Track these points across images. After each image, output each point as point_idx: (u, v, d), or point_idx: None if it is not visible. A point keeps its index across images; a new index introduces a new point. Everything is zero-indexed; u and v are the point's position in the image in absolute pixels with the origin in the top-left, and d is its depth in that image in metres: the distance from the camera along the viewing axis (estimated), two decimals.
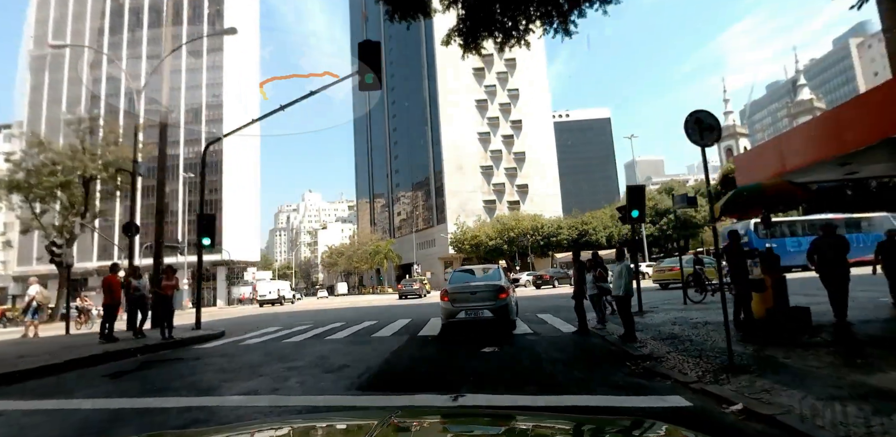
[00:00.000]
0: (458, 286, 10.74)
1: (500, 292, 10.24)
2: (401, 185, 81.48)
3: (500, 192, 70.25)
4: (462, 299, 10.29)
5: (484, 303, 10.12)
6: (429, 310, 18.08)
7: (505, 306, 10.12)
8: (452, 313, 10.23)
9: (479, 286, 10.48)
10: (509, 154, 70.95)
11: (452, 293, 10.44)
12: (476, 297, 10.22)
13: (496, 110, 71.17)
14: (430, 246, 72.38)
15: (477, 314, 10.07)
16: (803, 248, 25.28)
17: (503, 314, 10.11)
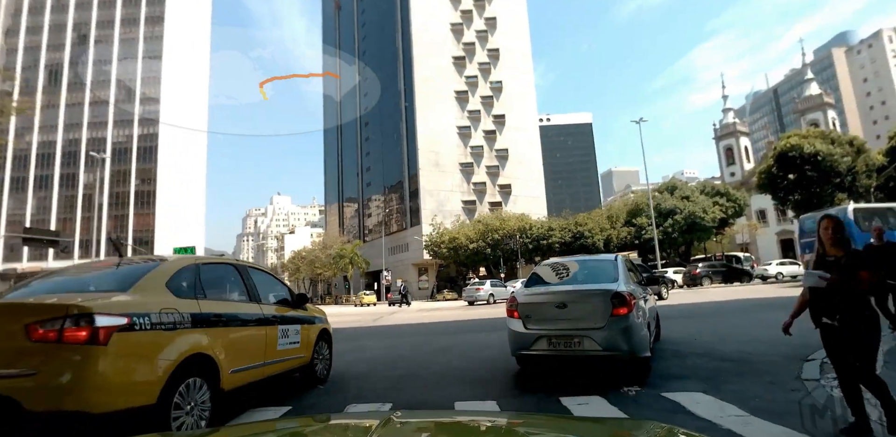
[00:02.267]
0: (536, 294, 5.70)
1: (614, 305, 4.99)
2: (373, 184, 72.92)
3: (481, 192, 62.49)
4: (542, 317, 5.38)
5: (582, 324, 5.08)
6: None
7: (624, 329, 4.91)
8: (525, 341, 5.34)
9: (575, 294, 5.39)
10: (491, 151, 63.44)
11: (526, 306, 5.52)
12: (568, 312, 5.18)
13: (477, 103, 63.71)
14: (403, 251, 64.07)
15: (568, 345, 5.09)
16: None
17: (620, 346, 4.89)
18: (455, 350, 8.28)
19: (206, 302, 3.89)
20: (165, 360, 3.23)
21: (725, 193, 49.07)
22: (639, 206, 48.94)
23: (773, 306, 12.39)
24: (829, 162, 24.68)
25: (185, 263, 4.03)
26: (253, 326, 4.45)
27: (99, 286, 3.70)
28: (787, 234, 57.48)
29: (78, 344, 2.79)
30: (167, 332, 3.34)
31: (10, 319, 2.86)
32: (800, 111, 60.33)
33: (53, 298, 3.19)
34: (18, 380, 2.68)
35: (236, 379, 3.96)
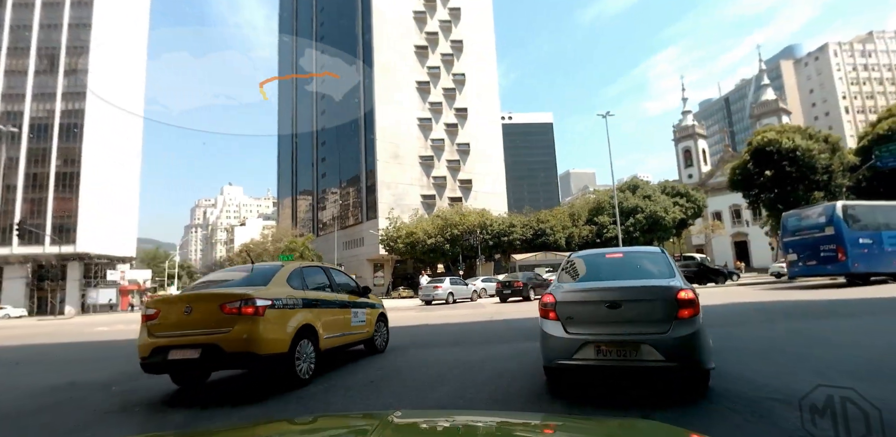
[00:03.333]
0: (580, 291, 4.48)
1: (680, 305, 4.00)
2: (328, 175, 68.92)
3: (441, 186, 59.79)
4: (589, 319, 4.25)
5: (641, 329, 4.01)
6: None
7: (692, 336, 3.89)
8: (566, 348, 4.21)
9: (632, 291, 4.23)
10: (452, 145, 60.84)
11: (568, 305, 4.37)
12: (622, 314, 4.08)
13: (439, 95, 60.93)
14: (358, 245, 60.70)
15: (622, 354, 4.01)
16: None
17: (687, 355, 3.91)
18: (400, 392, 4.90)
19: (309, 292, 6.02)
20: (291, 326, 5.34)
21: (685, 193, 48.38)
22: (600, 204, 47.55)
23: (791, 312, 10.21)
24: (807, 158, 23.33)
25: (294, 266, 6.20)
26: (336, 308, 6.53)
27: (251, 282, 5.59)
28: (741, 236, 57.84)
29: (248, 315, 4.92)
30: (290, 310, 5.45)
31: (211, 301, 5.08)
32: (756, 116, 60.78)
33: (232, 289, 5.33)
34: (219, 335, 4.86)
35: (328, 343, 6.05)
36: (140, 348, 5.08)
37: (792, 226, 18.60)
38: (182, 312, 5.03)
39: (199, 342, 4.85)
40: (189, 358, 4.79)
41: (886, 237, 17.03)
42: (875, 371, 4.60)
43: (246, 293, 5.00)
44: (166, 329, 5.05)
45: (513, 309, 16.76)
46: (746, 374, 4.66)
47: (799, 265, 17.99)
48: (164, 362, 4.87)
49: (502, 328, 10.80)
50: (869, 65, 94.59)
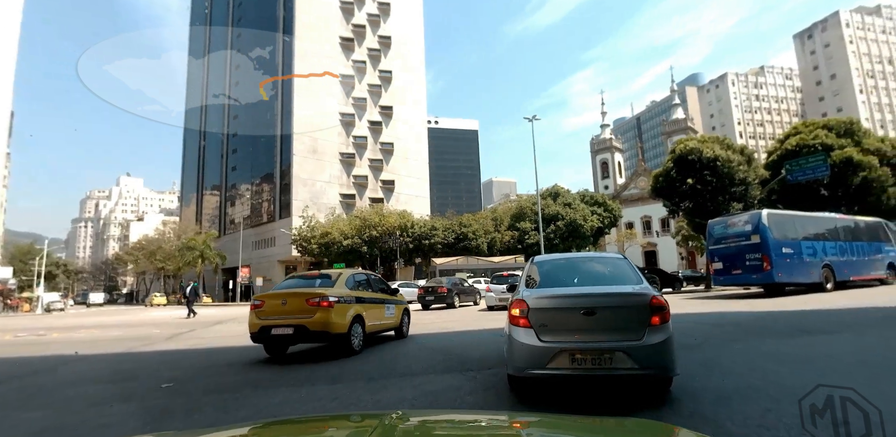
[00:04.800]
0: (555, 297, 4.34)
1: (651, 312, 4.03)
2: (239, 168, 63.28)
3: (362, 186, 56.69)
4: (564, 327, 4.12)
5: (616, 336, 3.98)
6: None
7: (663, 343, 3.94)
8: (540, 357, 4.03)
9: (607, 298, 4.21)
10: (376, 144, 58.01)
11: (542, 312, 4.19)
12: (597, 321, 4.04)
13: (364, 91, 57.95)
14: (269, 245, 56.04)
15: (597, 362, 3.93)
16: (818, 258, 15.70)
17: (658, 362, 3.95)
18: None
19: (358, 292, 8.46)
20: (349, 315, 7.73)
21: (603, 203, 49.05)
22: (523, 210, 46.95)
23: (751, 328, 8.81)
24: (727, 168, 23.33)
25: (349, 273, 8.72)
26: (376, 303, 8.94)
27: (323, 284, 8.12)
28: (650, 246, 60.07)
29: (324, 307, 7.30)
30: (348, 304, 7.83)
31: (300, 297, 7.49)
32: (667, 133, 63.63)
33: (310, 288, 7.90)
34: (306, 319, 7.27)
35: (370, 328, 8.49)
36: (251, 326, 7.66)
37: (718, 233, 17.86)
38: (280, 303, 7.59)
39: (292, 324, 7.36)
40: (285, 334, 7.39)
41: (805, 247, 16.78)
42: None
43: (322, 292, 7.49)
44: (269, 315, 7.57)
45: (439, 319, 14.52)
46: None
47: (724, 274, 17.41)
48: (269, 336, 7.48)
49: (434, 343, 8.60)
50: (760, 95, 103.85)
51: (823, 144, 25.46)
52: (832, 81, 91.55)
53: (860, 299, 13.73)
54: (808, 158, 24.42)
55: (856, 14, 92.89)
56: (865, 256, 18.59)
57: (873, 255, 18.92)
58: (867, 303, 12.25)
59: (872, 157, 24.65)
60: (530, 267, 5.30)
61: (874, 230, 19.72)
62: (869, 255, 18.76)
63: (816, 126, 27.49)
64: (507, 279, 17.82)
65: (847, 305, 12.10)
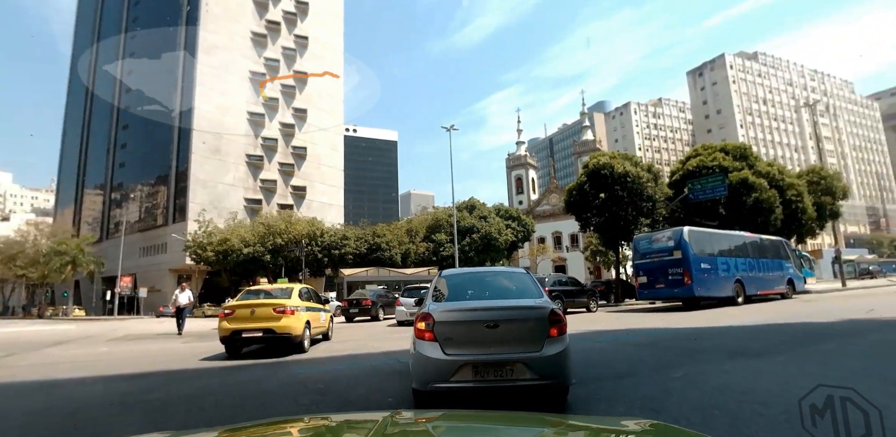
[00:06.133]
0: (459, 310, 4.35)
1: (549, 324, 4.21)
2: (128, 165, 56.52)
3: (271, 191, 52.74)
4: (468, 339, 4.17)
5: (517, 348, 4.11)
6: None
7: (561, 353, 4.12)
8: (444, 370, 4.05)
9: (509, 311, 4.31)
10: (287, 147, 54.46)
11: (447, 325, 4.22)
12: (500, 334, 4.12)
13: (276, 91, 54.40)
14: (159, 252, 50.26)
15: (499, 374, 4.02)
16: (731, 273, 16.36)
17: (556, 373, 4.08)
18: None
19: (305, 302, 10.33)
20: (302, 321, 9.61)
21: (517, 217, 49.22)
22: (438, 222, 45.79)
23: (682, 349, 7.83)
24: (636, 184, 23.59)
25: (299, 286, 10.68)
26: (315, 312, 10.77)
27: (281, 295, 10.02)
28: (560, 260, 61.41)
29: (288, 314, 9.29)
30: (301, 312, 9.71)
31: (268, 306, 9.31)
32: (578, 153, 65.98)
33: (275, 299, 9.66)
34: (273, 324, 9.17)
35: (313, 332, 10.46)
36: (222, 330, 9.17)
37: (643, 248, 18.33)
38: (249, 312, 9.21)
39: (261, 328, 9.05)
40: (255, 336, 9.10)
41: (720, 263, 17.44)
42: None
43: (285, 302, 9.38)
44: (239, 321, 9.16)
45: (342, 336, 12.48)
46: None
47: (648, 287, 17.76)
48: (239, 337, 9.10)
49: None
50: (658, 124, 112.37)
51: (721, 166, 26.75)
52: (718, 115, 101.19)
53: (767, 313, 13.76)
54: (709, 179, 25.49)
55: (738, 58, 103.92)
56: (770, 272, 19.59)
57: (776, 271, 19.94)
58: (774, 318, 12.09)
59: (763, 179, 26.25)
60: (437, 280, 5.27)
61: (777, 248, 20.78)
62: (773, 271, 19.76)
63: (715, 149, 29.00)
64: (419, 292, 16.30)
65: (757, 321, 11.83)
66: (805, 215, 27.70)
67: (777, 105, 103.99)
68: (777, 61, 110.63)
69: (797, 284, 20.89)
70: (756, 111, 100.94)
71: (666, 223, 27.30)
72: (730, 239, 18.91)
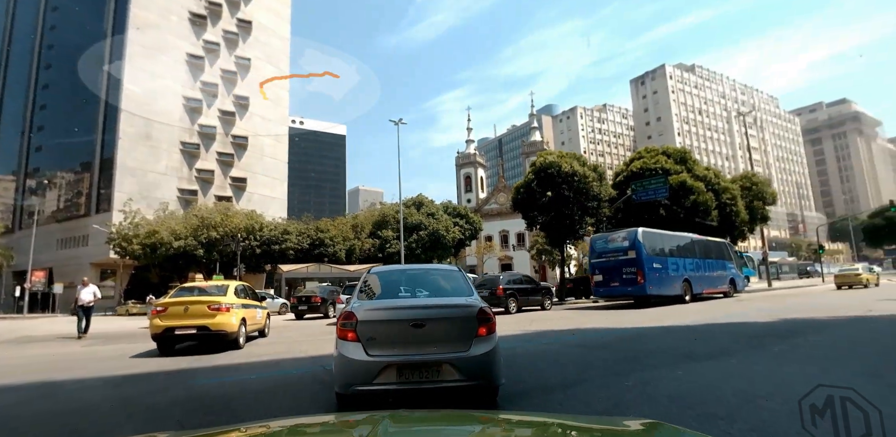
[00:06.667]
0: (384, 309, 4.18)
1: (477, 323, 4.09)
2: (46, 149, 51.50)
3: (207, 182, 49.64)
4: (392, 340, 4.00)
5: (443, 349, 3.96)
6: None
7: (489, 353, 4.01)
8: (367, 372, 3.86)
9: (436, 309, 4.16)
10: (227, 136, 51.44)
11: (370, 325, 4.02)
12: (426, 334, 3.97)
13: (216, 76, 51.23)
14: (80, 245, 46.19)
15: (424, 376, 3.88)
16: (680, 272, 16.96)
17: (484, 373, 3.98)
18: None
19: (241, 299, 10.30)
20: (238, 318, 9.63)
21: (465, 215, 48.89)
22: (385, 218, 44.68)
23: (628, 352, 7.36)
24: (583, 183, 23.59)
25: (235, 284, 10.77)
26: (252, 309, 10.79)
27: (216, 292, 9.93)
28: (507, 259, 61.76)
29: (223, 311, 9.37)
30: (237, 309, 9.74)
31: (202, 304, 9.33)
32: (526, 153, 66.54)
33: (210, 297, 9.66)
34: (208, 321, 9.22)
35: (249, 328, 10.41)
36: (154, 327, 9.15)
37: (599, 248, 18.79)
38: (183, 309, 9.21)
39: (195, 325, 9.08)
40: (189, 333, 9.08)
41: (670, 263, 18.15)
42: None
43: (220, 300, 9.46)
44: (172, 318, 9.11)
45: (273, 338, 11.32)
46: None
47: (603, 286, 18.31)
48: (172, 335, 9.07)
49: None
50: (602, 129, 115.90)
51: (663, 169, 27.35)
52: (658, 122, 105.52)
53: (711, 312, 13.86)
54: (651, 180, 25.95)
55: (677, 69, 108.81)
56: (714, 271, 20.43)
57: (720, 271, 20.83)
58: (717, 318, 12.07)
59: (700, 183, 27.05)
60: (365, 278, 5.09)
61: (720, 249, 21.68)
62: (717, 271, 20.62)
63: (657, 152, 29.68)
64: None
65: (702, 320, 11.73)
66: (738, 218, 28.85)
67: (711, 116, 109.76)
68: (712, 75, 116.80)
69: (738, 283, 22.01)
70: (692, 120, 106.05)
71: (610, 223, 27.62)
72: (679, 240, 19.61)
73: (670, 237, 19.33)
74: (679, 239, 19.75)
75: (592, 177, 24.33)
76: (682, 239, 19.88)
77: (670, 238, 19.26)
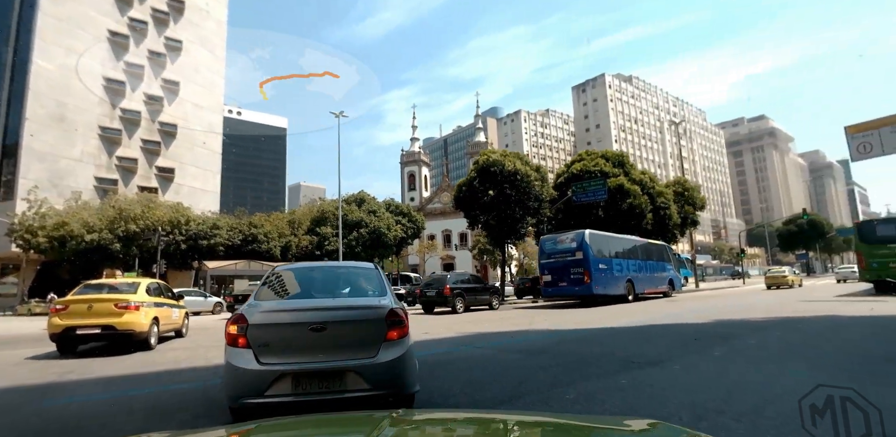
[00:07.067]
0: (280, 311, 3.79)
1: (389, 326, 3.76)
2: None
3: (130, 170, 45.79)
4: (288, 345, 3.62)
5: (347, 355, 3.61)
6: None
7: (400, 359, 3.68)
8: (258, 383, 3.44)
9: (341, 311, 3.80)
10: (153, 122, 47.68)
11: (264, 328, 3.62)
12: (327, 338, 3.61)
13: (142, 57, 47.34)
14: None
15: (325, 386, 3.50)
16: (624, 273, 17.47)
17: (394, 381, 3.67)
18: None
19: (155, 297, 9.86)
20: (149, 317, 9.16)
21: (408, 213, 48.02)
22: (324, 214, 43.01)
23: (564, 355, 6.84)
24: (525, 183, 23.40)
25: (147, 281, 10.27)
26: (167, 308, 10.37)
27: (127, 290, 9.39)
28: (449, 259, 61.37)
29: (131, 310, 8.83)
30: (148, 308, 9.25)
31: (108, 302, 8.83)
32: (470, 153, 66.51)
33: (117, 294, 9.11)
34: (114, 320, 8.64)
35: (163, 328, 10.03)
36: (53, 327, 8.59)
37: (548, 249, 19.17)
38: (86, 307, 8.67)
39: (100, 324, 8.60)
40: (92, 333, 8.58)
41: (615, 264, 18.73)
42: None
43: (128, 298, 8.95)
44: (74, 317, 8.61)
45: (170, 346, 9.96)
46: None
47: (552, 286, 18.65)
48: (73, 335, 8.55)
49: None
50: (545, 134, 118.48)
51: (602, 171, 27.77)
52: (597, 129, 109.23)
53: (652, 312, 13.92)
54: (591, 182, 26.25)
55: (616, 79, 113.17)
56: (655, 273, 21.22)
57: (660, 272, 21.66)
58: (657, 318, 11.98)
59: (637, 186, 27.69)
60: (268, 277, 4.56)
61: (661, 251, 22.58)
62: (657, 272, 21.44)
63: (597, 155, 30.15)
64: None
65: (642, 320, 11.58)
66: (671, 221, 29.84)
67: (646, 125, 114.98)
68: (648, 86, 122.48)
69: (676, 283, 23.17)
70: (629, 129, 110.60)
71: (551, 224, 27.70)
72: (623, 242, 20.30)
73: (616, 240, 19.96)
74: (624, 242, 20.43)
75: (535, 177, 24.22)
76: (626, 242, 20.57)
77: (616, 240, 19.89)
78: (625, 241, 20.61)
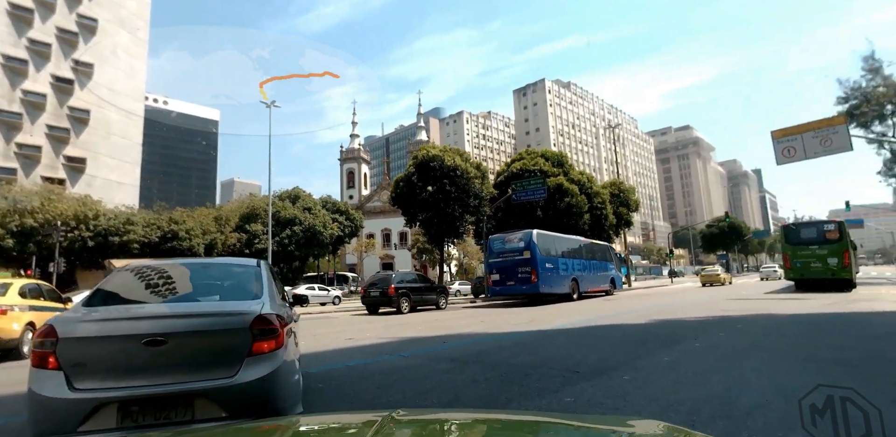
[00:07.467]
0: (103, 321, 2.77)
1: (255, 337, 2.85)
2: None
3: (32, 159, 41.05)
4: (112, 365, 2.66)
5: (194, 376, 2.69)
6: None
7: (269, 377, 2.79)
8: (71, 415, 2.50)
9: (184, 320, 2.80)
10: (62, 107, 43.09)
11: (80, 343, 2.66)
12: (167, 354, 2.68)
13: (49, 34, 42.67)
14: None
15: (164, 416, 2.58)
16: (569, 272, 19.32)
17: (262, 405, 2.78)
18: None
19: (33, 301, 8.97)
20: (21, 322, 8.27)
21: (346, 211, 46.31)
22: (255, 210, 40.47)
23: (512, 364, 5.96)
24: (465, 179, 22.68)
25: (21, 281, 9.33)
26: (48, 311, 8.96)
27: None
28: (388, 258, 59.88)
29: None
30: (19, 311, 8.38)
31: None
32: (412, 152, 65.38)
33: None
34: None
35: None
36: None
37: (496, 248, 19.17)
38: None
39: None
40: None
41: (561, 264, 18.95)
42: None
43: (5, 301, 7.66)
44: None
45: None
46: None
47: (500, 285, 18.65)
48: None
49: None
50: (486, 135, 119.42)
51: (542, 171, 27.58)
52: (537, 132, 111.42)
53: (594, 312, 13.59)
54: (531, 181, 25.96)
55: (555, 84, 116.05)
56: (598, 272, 21.66)
57: (603, 272, 22.12)
58: (597, 318, 11.51)
59: (575, 186, 27.74)
60: (108, 277, 3.59)
61: (603, 251, 22.97)
62: (600, 271, 21.89)
63: (537, 155, 30.01)
64: None
65: (582, 321, 11.02)
66: (607, 222, 30.22)
67: (582, 130, 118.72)
68: (585, 93, 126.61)
69: (617, 282, 23.80)
70: (566, 133, 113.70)
71: (490, 223, 27.16)
72: (568, 242, 20.63)
73: (562, 239, 20.22)
74: (570, 241, 20.80)
75: (475, 174, 23.58)
76: (572, 241, 20.95)
77: (562, 240, 20.18)
78: (570, 241, 20.86)
